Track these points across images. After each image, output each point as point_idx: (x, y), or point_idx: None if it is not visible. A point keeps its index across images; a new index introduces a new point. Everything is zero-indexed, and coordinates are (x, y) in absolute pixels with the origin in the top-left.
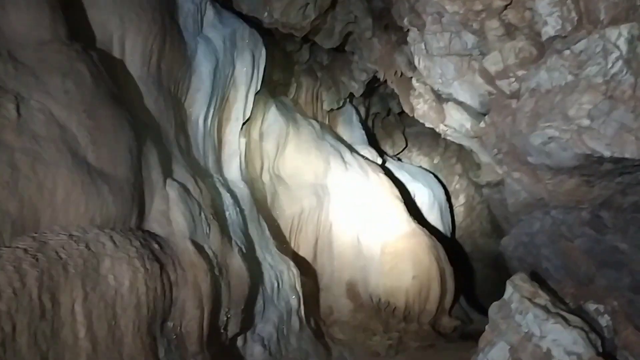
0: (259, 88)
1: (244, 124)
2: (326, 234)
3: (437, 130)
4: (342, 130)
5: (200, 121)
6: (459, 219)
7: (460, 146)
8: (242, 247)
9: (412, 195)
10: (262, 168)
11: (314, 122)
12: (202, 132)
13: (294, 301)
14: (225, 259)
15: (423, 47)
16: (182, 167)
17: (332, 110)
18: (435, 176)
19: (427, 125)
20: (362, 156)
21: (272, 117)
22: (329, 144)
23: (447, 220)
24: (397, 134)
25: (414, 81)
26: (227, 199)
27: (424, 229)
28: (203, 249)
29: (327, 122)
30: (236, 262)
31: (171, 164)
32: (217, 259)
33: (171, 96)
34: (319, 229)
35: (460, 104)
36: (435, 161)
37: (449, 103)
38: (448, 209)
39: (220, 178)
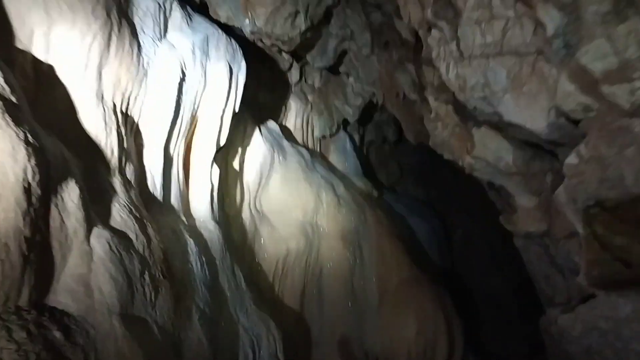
0: (237, 109)
1: (217, 151)
2: (315, 281)
3: (459, 163)
4: (334, 159)
5: (160, 147)
6: (455, 254)
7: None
8: (206, 310)
9: (410, 231)
10: (241, 203)
11: (303, 150)
12: (162, 160)
13: None
14: (179, 332)
15: (455, 48)
16: (123, 207)
17: (324, 137)
18: (433, 208)
19: (446, 156)
20: (357, 189)
21: (255, 144)
22: (320, 175)
23: (447, 257)
24: (392, 164)
25: (431, 100)
26: (190, 246)
27: (426, 274)
28: (143, 325)
29: (318, 150)
30: (194, 336)
31: (106, 204)
32: (163, 335)
33: (117, 114)
34: (307, 275)
35: (508, 127)
36: (432, 194)
37: (483, 128)
38: (447, 245)
39: (184, 219)
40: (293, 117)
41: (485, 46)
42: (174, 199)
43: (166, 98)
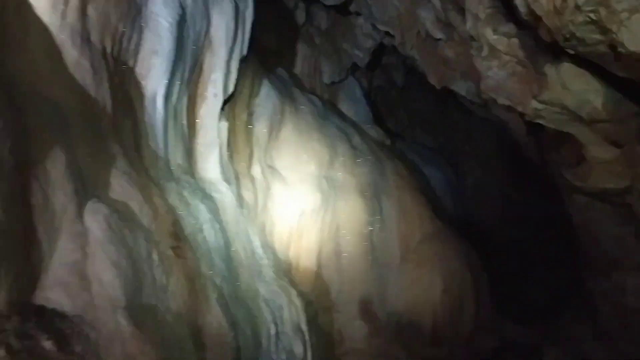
0: (245, 52)
1: (225, 101)
2: (332, 240)
3: (517, 109)
4: (344, 107)
5: (160, 99)
6: (466, 203)
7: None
8: (224, 287)
9: (426, 179)
10: (251, 159)
11: (314, 98)
12: (163, 115)
13: (298, 348)
14: (197, 318)
15: None
16: (122, 174)
17: (332, 83)
18: (443, 155)
19: (501, 101)
20: (372, 139)
21: (264, 92)
22: (333, 124)
23: (460, 207)
24: (400, 110)
25: (487, 33)
26: (202, 212)
27: (449, 228)
28: (154, 317)
29: (327, 99)
30: (214, 319)
31: (101, 172)
32: (179, 324)
33: (107, 60)
34: (323, 234)
35: (619, 61)
36: (441, 140)
37: (565, 65)
38: (460, 194)
39: (192, 180)
40: (300, 62)
41: None
42: (180, 159)
43: (165, 39)
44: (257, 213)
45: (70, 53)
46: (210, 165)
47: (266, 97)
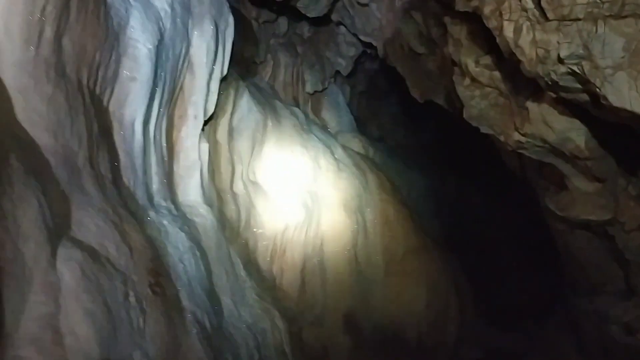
0: (225, 72)
1: (206, 122)
2: (317, 254)
3: (500, 139)
4: (327, 116)
5: (138, 125)
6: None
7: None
8: (205, 320)
9: (408, 189)
10: (232, 176)
11: (296, 110)
12: (142, 141)
13: None
14: (176, 356)
15: (533, 5)
16: (99, 212)
17: (315, 92)
18: (425, 159)
19: (484, 130)
20: (355, 149)
21: (246, 107)
22: (316, 137)
23: (445, 210)
24: (382, 114)
25: (468, 64)
26: (182, 241)
27: (433, 240)
28: None
29: (309, 107)
30: (193, 356)
31: (75, 212)
32: None
33: (83, 92)
34: (307, 249)
35: (601, 109)
36: (424, 144)
37: (545, 104)
38: (443, 199)
39: (172, 206)
40: (282, 72)
41: (593, 5)
42: (159, 184)
43: (143, 66)
44: (240, 230)
45: (44, 89)
46: (191, 188)
47: (248, 112)
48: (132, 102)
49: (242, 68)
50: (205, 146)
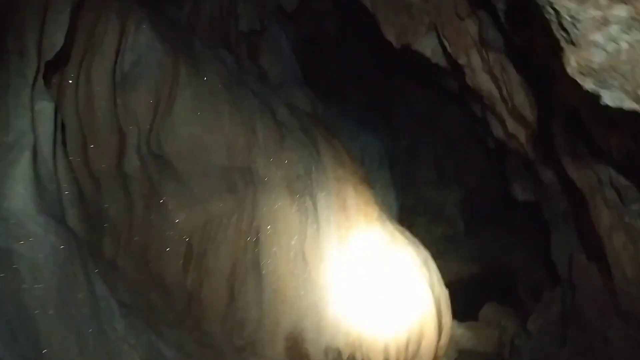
0: None
1: (56, 64)
2: (250, 255)
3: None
4: (267, 64)
5: None
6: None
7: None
8: None
9: (362, 152)
10: (121, 149)
11: (224, 52)
12: None
13: None
14: None
15: None
16: None
17: (252, 32)
18: (380, 116)
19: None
20: (303, 108)
21: (144, 44)
22: (251, 92)
23: (399, 180)
24: (331, 65)
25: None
26: None
27: (405, 230)
28: None
29: (244, 52)
30: None
31: None
32: None
33: None
34: (237, 248)
35: None
36: (376, 99)
37: None
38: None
39: None
40: (207, 4)
41: None
42: None
43: None
44: (131, 232)
45: None
46: (12, 187)
47: (147, 52)
48: None
49: None
50: (46, 106)
